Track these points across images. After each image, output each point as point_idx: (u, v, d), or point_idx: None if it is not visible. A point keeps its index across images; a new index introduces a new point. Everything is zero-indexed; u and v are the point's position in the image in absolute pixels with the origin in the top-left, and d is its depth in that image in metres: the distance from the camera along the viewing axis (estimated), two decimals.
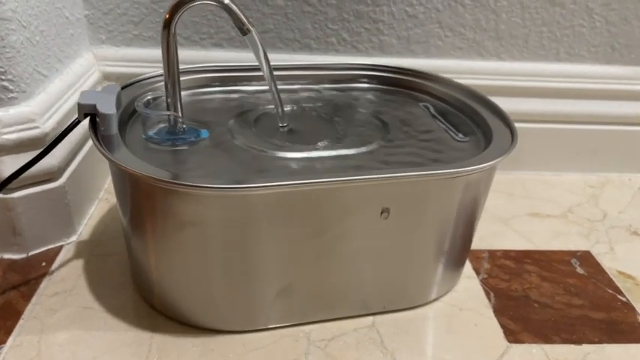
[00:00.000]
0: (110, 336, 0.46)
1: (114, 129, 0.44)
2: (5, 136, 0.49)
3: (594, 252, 0.60)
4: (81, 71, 0.62)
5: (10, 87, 0.49)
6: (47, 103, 0.53)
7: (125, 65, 0.66)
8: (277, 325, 0.47)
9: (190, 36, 0.66)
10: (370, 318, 0.49)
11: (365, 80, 0.62)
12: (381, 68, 0.62)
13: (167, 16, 0.45)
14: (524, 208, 0.68)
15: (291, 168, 0.45)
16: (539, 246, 0.61)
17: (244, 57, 0.66)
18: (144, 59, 0.66)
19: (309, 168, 0.45)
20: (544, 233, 0.63)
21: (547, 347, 0.48)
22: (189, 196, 0.40)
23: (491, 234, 0.63)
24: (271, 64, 0.48)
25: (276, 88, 0.49)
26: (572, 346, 0.48)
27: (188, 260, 0.44)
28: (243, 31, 0.46)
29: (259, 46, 0.47)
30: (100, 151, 0.42)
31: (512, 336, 0.49)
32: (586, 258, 0.59)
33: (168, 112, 0.47)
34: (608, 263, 0.59)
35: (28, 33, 0.50)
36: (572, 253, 0.60)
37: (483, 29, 0.68)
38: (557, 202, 0.70)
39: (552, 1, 0.66)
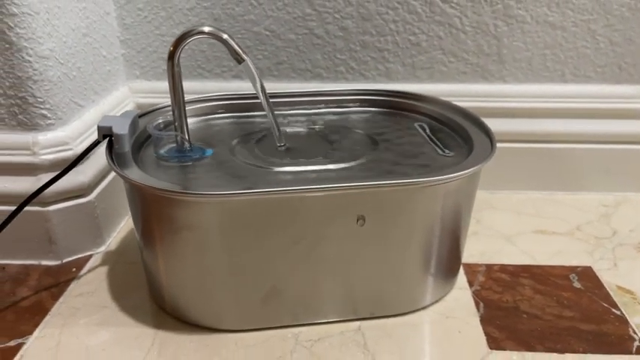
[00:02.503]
0: (120, 330, 0.51)
1: (126, 147, 0.51)
2: (43, 157, 0.57)
3: (596, 268, 0.61)
4: (116, 102, 0.70)
5: (48, 115, 0.57)
6: (81, 129, 0.61)
7: (156, 97, 0.74)
8: (268, 326, 0.51)
9: (213, 69, 0.73)
10: (358, 323, 0.52)
11: (363, 104, 0.66)
12: (377, 93, 0.66)
13: (171, 48, 0.52)
14: (530, 225, 0.69)
15: (281, 180, 0.50)
16: (539, 261, 0.62)
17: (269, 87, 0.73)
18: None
19: (298, 180, 0.50)
20: (547, 249, 0.64)
21: (528, 355, 0.49)
22: (180, 203, 0.46)
23: (493, 249, 0.64)
24: (283, 92, 0.54)
25: (271, 110, 0.55)
26: (555, 354, 0.49)
27: (187, 261, 0.49)
28: (239, 61, 0.52)
29: (254, 73, 0.52)
30: (109, 164, 0.48)
31: (495, 343, 0.50)
32: (586, 273, 0.60)
33: (174, 133, 0.54)
34: (608, 278, 0.59)
35: (65, 69, 0.59)
36: (573, 269, 0.60)
37: (486, 54, 0.71)
38: (566, 220, 0.70)
39: (553, 25, 0.69)
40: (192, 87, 0.71)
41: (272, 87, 0.73)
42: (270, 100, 0.54)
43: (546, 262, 0.62)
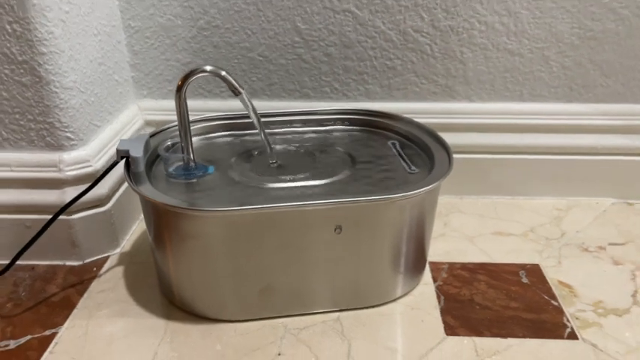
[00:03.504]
0: (137, 321, 0.61)
1: (141, 167, 0.61)
2: (68, 173, 0.67)
3: (543, 265, 0.71)
4: (127, 120, 0.80)
5: (72, 137, 0.67)
6: (99, 147, 0.70)
7: (162, 114, 0.83)
8: (262, 317, 0.61)
9: (212, 89, 0.83)
10: (337, 313, 0.62)
11: (344, 122, 0.76)
12: (357, 112, 0.76)
13: (179, 83, 0.61)
14: (490, 227, 0.79)
15: (273, 195, 0.60)
16: (494, 260, 0.72)
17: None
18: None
19: (289, 196, 0.60)
20: (502, 249, 0.74)
21: (477, 339, 0.59)
22: (187, 216, 0.55)
23: (456, 249, 0.74)
24: (275, 111, 0.65)
25: (264, 132, 0.64)
26: (499, 339, 0.59)
27: (193, 264, 0.59)
28: (235, 93, 0.61)
29: (248, 103, 0.62)
30: (129, 184, 0.58)
31: (450, 330, 0.60)
32: (533, 270, 0.70)
33: (181, 155, 0.63)
34: (552, 275, 0.69)
35: (85, 96, 0.68)
36: (522, 266, 0.70)
37: (453, 76, 0.80)
38: (522, 222, 0.80)
39: (512, 51, 0.78)
40: (194, 105, 0.80)
41: (265, 105, 0.83)
42: (263, 120, 0.64)
43: (500, 261, 0.71)
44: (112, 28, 0.75)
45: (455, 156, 0.76)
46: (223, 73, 0.61)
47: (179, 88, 0.61)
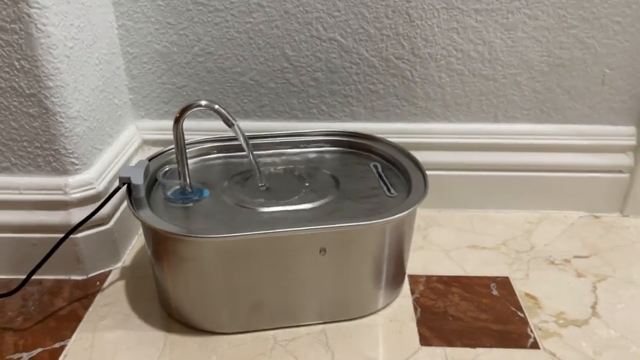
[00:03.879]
0: (139, 334, 0.67)
1: (141, 194, 0.66)
2: (73, 195, 0.72)
3: (512, 277, 0.77)
4: (126, 141, 0.85)
5: (76, 162, 0.72)
6: (101, 170, 0.75)
7: (159, 133, 0.88)
8: (253, 329, 0.67)
9: (206, 110, 0.88)
10: (322, 325, 0.68)
11: (328, 144, 0.81)
12: (341, 134, 0.81)
13: (177, 115, 0.66)
14: (466, 241, 0.85)
15: (263, 219, 0.65)
16: (468, 272, 0.78)
17: (249, 126, 0.87)
18: (171, 128, 0.88)
19: (278, 219, 0.65)
20: (476, 262, 0.80)
21: (448, 349, 0.65)
22: (185, 241, 0.61)
23: (433, 262, 0.80)
24: (264, 133, 0.72)
25: (255, 159, 0.70)
26: (468, 349, 0.65)
27: (190, 281, 0.64)
28: (228, 125, 0.66)
29: (240, 134, 0.67)
30: (131, 210, 0.63)
31: (425, 340, 0.66)
32: (503, 282, 0.76)
33: (178, 182, 0.69)
34: (520, 287, 0.75)
35: (88, 123, 0.73)
36: (493, 279, 0.77)
37: (432, 99, 0.86)
38: (495, 236, 0.86)
39: (486, 77, 0.84)
40: (189, 126, 0.85)
41: (256, 126, 0.88)
42: (253, 142, 0.70)
43: (474, 274, 0.78)
44: (112, 55, 0.80)
45: (434, 172, 0.82)
46: (217, 106, 0.66)
47: (177, 120, 0.66)
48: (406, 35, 0.81)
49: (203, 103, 0.65)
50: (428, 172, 0.71)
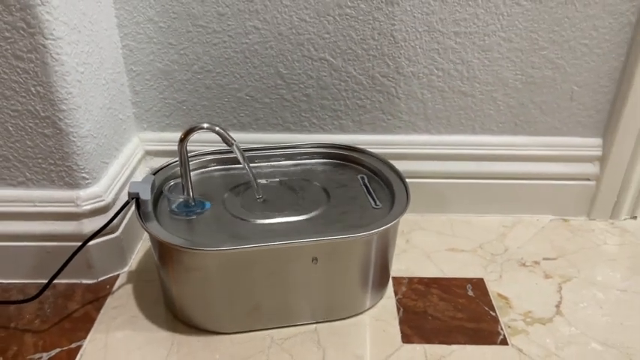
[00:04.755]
0: (148, 334, 0.74)
1: (149, 208, 0.72)
2: (84, 207, 0.78)
3: (486, 279, 0.84)
4: (130, 153, 0.91)
5: (87, 177, 0.78)
6: (109, 183, 0.82)
7: (161, 144, 0.94)
8: (252, 329, 0.74)
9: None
10: (314, 325, 0.75)
11: (319, 156, 0.88)
12: (332, 146, 0.88)
13: (182, 136, 0.72)
14: (446, 244, 0.92)
15: (261, 231, 0.72)
16: (447, 274, 0.85)
17: (245, 138, 0.94)
18: (172, 140, 0.93)
19: (274, 231, 0.72)
20: (454, 264, 0.87)
21: (427, 346, 0.72)
22: (189, 253, 0.67)
23: (415, 265, 0.87)
24: (260, 146, 0.81)
25: (253, 174, 0.76)
26: (445, 346, 0.72)
27: (194, 287, 0.71)
28: (228, 144, 0.73)
29: (238, 153, 0.73)
30: (140, 223, 0.70)
31: (406, 338, 0.74)
32: (478, 284, 0.83)
33: (182, 197, 0.75)
34: (493, 288, 0.83)
35: (97, 140, 0.79)
36: (469, 280, 0.84)
37: (415, 114, 0.93)
38: (472, 239, 0.94)
39: (465, 93, 0.91)
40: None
41: (251, 137, 0.94)
42: (250, 155, 0.77)
43: (452, 275, 0.85)
44: (117, 74, 0.86)
45: (416, 180, 0.89)
46: (217, 128, 0.72)
47: (182, 140, 0.72)
48: (391, 55, 0.88)
49: (205, 125, 0.72)
50: (411, 180, 0.79)
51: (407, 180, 0.79)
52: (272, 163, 0.87)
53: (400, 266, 0.87)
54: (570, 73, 0.89)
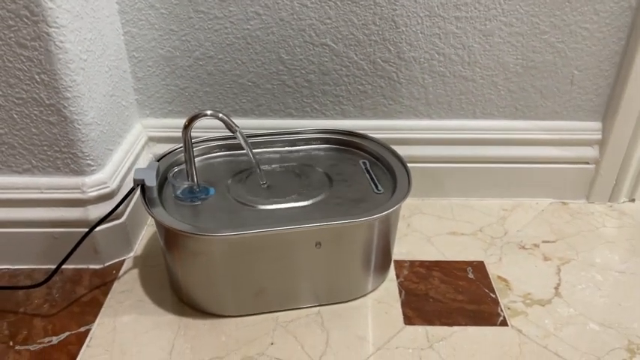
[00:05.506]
0: (154, 318, 0.75)
1: (154, 194, 0.73)
2: (90, 194, 0.79)
3: (486, 262, 0.86)
4: (133, 139, 0.91)
5: (92, 163, 0.79)
6: (113, 170, 0.82)
7: (163, 130, 0.95)
8: (258, 312, 0.76)
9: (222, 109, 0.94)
10: (318, 308, 0.77)
11: (321, 142, 0.89)
12: (334, 132, 0.89)
13: (186, 123, 0.73)
14: (447, 228, 0.94)
15: (265, 216, 0.73)
16: (448, 257, 0.87)
17: (247, 124, 0.94)
18: (175, 126, 0.94)
19: (277, 216, 0.73)
20: (455, 248, 0.89)
21: (429, 327, 0.74)
22: (194, 238, 0.69)
23: (416, 248, 0.89)
24: (263, 132, 0.82)
25: (256, 160, 0.77)
26: (446, 327, 0.74)
27: (200, 272, 0.72)
28: (232, 131, 0.73)
29: (242, 139, 0.74)
30: (146, 209, 0.71)
31: (408, 320, 0.75)
32: (478, 266, 0.85)
33: (187, 183, 0.76)
34: (493, 270, 0.84)
35: (101, 127, 0.80)
36: (470, 263, 0.86)
37: (416, 98, 0.93)
38: (473, 222, 0.95)
39: (466, 78, 0.91)
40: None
41: (254, 123, 0.95)
42: (253, 141, 0.78)
43: (452, 258, 0.86)
44: (120, 61, 0.86)
45: (419, 165, 0.90)
46: (221, 115, 0.73)
47: (185, 127, 0.73)
48: (392, 40, 0.88)
49: (209, 112, 0.72)
50: (413, 165, 0.80)
51: (409, 164, 0.80)
52: (275, 149, 0.88)
53: (402, 250, 0.88)
54: (571, 57, 0.89)
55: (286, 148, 0.89)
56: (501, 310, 0.77)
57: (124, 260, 0.86)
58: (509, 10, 0.85)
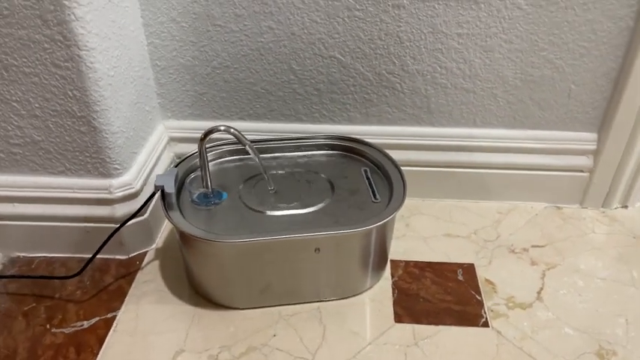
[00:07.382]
0: (172, 307, 0.85)
1: (173, 199, 0.82)
2: (116, 194, 0.88)
3: (476, 264, 0.92)
4: (156, 140, 1.00)
5: (118, 167, 0.88)
6: (137, 171, 0.91)
7: (184, 132, 1.03)
8: (263, 306, 0.84)
9: (223, 113, 1.02)
10: (318, 304, 0.85)
11: (327, 148, 0.96)
12: (339, 138, 0.96)
13: (202, 136, 0.81)
14: (443, 229, 1.00)
15: (272, 222, 0.81)
16: (440, 259, 0.94)
17: (260, 127, 1.02)
18: (195, 127, 1.02)
19: (282, 222, 0.81)
20: (448, 249, 0.96)
21: (416, 326, 0.82)
22: (206, 242, 0.77)
23: (412, 249, 0.96)
24: (271, 137, 0.90)
25: (264, 169, 0.85)
26: (432, 326, 0.82)
27: (212, 270, 0.81)
28: (243, 144, 0.81)
29: (251, 151, 0.82)
30: (165, 215, 0.79)
31: (398, 318, 0.83)
32: (469, 269, 0.92)
33: (202, 189, 0.84)
34: (481, 273, 0.91)
35: (127, 134, 0.88)
36: (460, 265, 0.93)
37: (419, 107, 0.99)
38: (468, 225, 1.01)
39: (467, 90, 0.96)
40: (206, 125, 1.00)
41: (266, 127, 1.02)
42: (262, 147, 0.87)
43: (445, 260, 0.93)
44: (144, 70, 0.94)
45: (420, 169, 0.98)
46: (232, 130, 0.80)
47: (201, 140, 0.81)
48: (397, 54, 0.93)
49: (222, 127, 0.80)
50: (414, 169, 0.88)
51: (410, 168, 0.87)
52: (283, 154, 0.96)
53: (399, 249, 0.95)
54: (568, 73, 0.93)
55: (294, 154, 0.96)
56: (484, 312, 0.84)
57: (146, 252, 0.95)
58: (509, 28, 0.89)
